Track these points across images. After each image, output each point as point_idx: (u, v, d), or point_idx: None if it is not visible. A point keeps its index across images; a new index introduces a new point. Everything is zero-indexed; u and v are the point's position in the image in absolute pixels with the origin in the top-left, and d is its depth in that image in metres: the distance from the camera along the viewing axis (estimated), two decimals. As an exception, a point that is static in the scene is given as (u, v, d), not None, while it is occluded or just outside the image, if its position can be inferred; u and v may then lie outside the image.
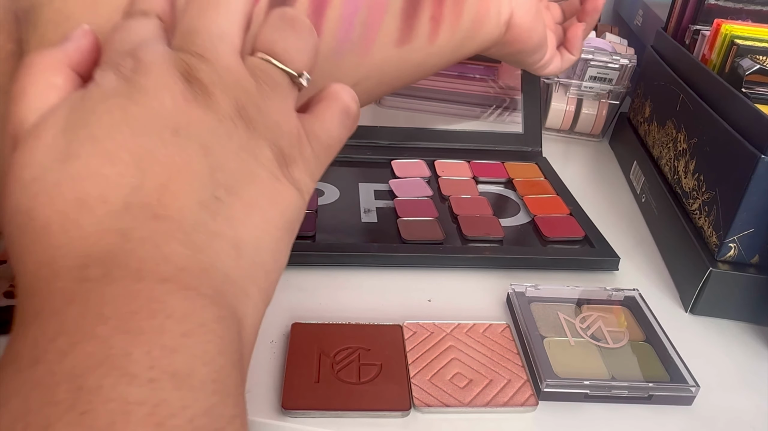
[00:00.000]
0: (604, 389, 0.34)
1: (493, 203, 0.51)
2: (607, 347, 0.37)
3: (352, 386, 0.32)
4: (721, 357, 0.39)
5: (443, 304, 0.41)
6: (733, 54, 0.46)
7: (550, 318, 0.39)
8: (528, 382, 0.34)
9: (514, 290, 0.40)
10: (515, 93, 0.62)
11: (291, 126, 0.22)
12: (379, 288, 0.42)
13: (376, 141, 0.58)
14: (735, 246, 0.40)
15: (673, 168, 0.50)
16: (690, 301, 0.42)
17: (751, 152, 0.38)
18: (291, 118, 0.23)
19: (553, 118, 0.68)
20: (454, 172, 0.55)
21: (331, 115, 0.24)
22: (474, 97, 0.63)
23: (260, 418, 0.31)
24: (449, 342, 0.36)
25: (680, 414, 0.34)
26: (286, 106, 0.23)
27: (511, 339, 0.37)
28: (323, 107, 0.24)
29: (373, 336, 0.36)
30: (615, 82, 0.65)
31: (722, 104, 0.44)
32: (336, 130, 0.24)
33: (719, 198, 0.41)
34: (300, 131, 0.23)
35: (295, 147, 0.23)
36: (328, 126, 0.24)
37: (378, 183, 0.53)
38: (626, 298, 0.41)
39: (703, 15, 0.56)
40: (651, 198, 0.53)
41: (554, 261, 0.45)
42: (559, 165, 0.58)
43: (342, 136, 0.25)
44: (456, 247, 0.45)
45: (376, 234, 0.46)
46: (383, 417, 0.32)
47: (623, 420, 0.33)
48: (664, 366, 0.35)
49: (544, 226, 0.48)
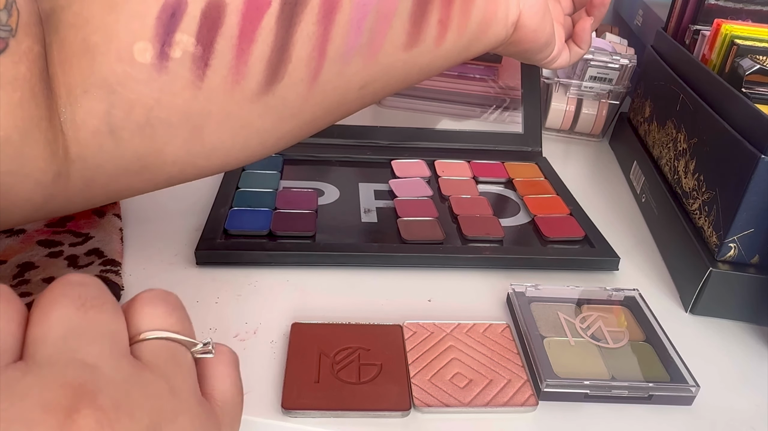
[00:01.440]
0: (604, 389, 0.34)
1: (493, 203, 0.51)
2: (607, 347, 0.37)
3: (352, 386, 0.32)
4: (721, 357, 0.39)
5: (443, 304, 0.41)
6: (733, 54, 0.46)
7: (550, 318, 0.39)
8: (528, 382, 0.34)
9: (514, 290, 0.40)
10: (515, 93, 0.62)
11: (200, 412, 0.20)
12: (379, 288, 0.42)
13: (376, 141, 0.58)
14: (735, 246, 0.40)
15: (673, 168, 0.50)
16: (690, 301, 0.42)
17: (751, 152, 0.38)
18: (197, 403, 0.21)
19: (553, 118, 0.68)
20: (454, 172, 0.55)
21: (226, 380, 0.22)
22: (474, 97, 0.63)
23: (260, 418, 0.31)
24: (449, 342, 0.36)
25: (680, 414, 0.34)
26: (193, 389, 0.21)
27: (511, 339, 0.37)
28: (217, 376, 0.22)
29: (373, 336, 0.36)
30: (615, 82, 0.65)
31: (722, 104, 0.44)
32: (233, 388, 0.22)
33: (719, 198, 0.41)
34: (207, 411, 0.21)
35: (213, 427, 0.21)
36: (227, 391, 0.22)
37: (378, 183, 0.53)
38: (626, 298, 0.41)
39: (703, 15, 0.56)
40: (651, 198, 0.53)
41: (554, 261, 0.45)
42: (559, 165, 0.58)
43: (238, 386, 0.23)
44: (456, 247, 0.45)
45: (376, 234, 0.46)
46: (383, 417, 0.32)
47: (623, 420, 0.33)
48: (664, 366, 0.35)
49: (544, 226, 0.48)
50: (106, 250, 0.41)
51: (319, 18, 0.31)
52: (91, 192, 0.31)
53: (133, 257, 0.42)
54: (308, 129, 0.35)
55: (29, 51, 0.26)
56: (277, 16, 0.30)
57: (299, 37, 0.31)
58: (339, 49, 0.32)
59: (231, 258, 0.42)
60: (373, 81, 0.35)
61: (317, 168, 0.55)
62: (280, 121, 0.33)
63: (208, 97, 0.30)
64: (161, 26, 0.28)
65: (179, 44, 0.28)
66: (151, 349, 0.20)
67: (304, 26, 0.31)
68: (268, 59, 0.30)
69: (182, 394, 0.20)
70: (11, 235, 0.41)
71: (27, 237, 0.41)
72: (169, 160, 0.31)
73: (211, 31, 0.29)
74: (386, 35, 0.33)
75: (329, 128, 0.58)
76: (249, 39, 0.30)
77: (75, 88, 0.27)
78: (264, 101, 0.31)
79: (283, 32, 0.30)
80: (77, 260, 0.40)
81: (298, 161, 0.55)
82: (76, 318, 0.19)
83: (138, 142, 0.29)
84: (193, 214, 0.47)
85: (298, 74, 0.31)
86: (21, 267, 0.38)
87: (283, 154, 0.55)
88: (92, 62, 0.27)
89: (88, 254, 0.40)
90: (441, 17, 0.35)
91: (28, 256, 0.39)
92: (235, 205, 0.47)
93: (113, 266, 0.39)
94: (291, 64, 0.31)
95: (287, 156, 0.55)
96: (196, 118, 0.30)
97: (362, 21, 0.32)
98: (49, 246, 0.41)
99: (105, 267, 0.39)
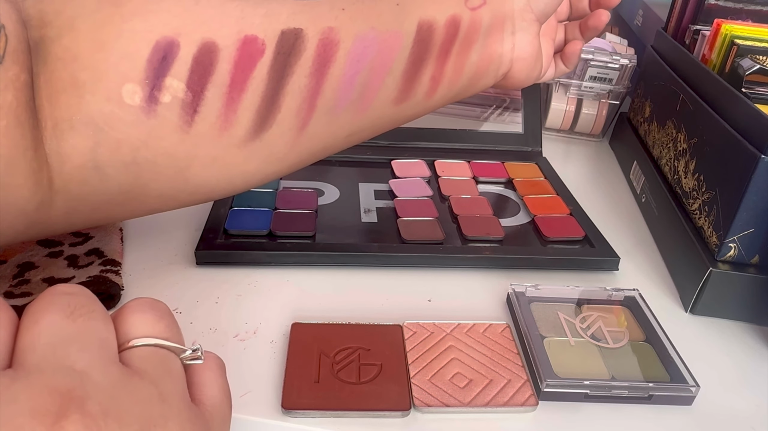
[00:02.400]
0: (604, 389, 0.34)
1: (493, 203, 0.51)
2: (607, 347, 0.37)
3: (352, 386, 0.32)
4: (721, 357, 0.39)
5: (443, 304, 0.41)
6: (733, 54, 0.46)
7: (550, 318, 0.39)
8: (528, 382, 0.34)
9: (514, 290, 0.40)
10: (515, 93, 0.62)
11: (190, 418, 0.20)
12: (379, 288, 0.42)
13: (376, 141, 0.58)
14: (735, 246, 0.40)
15: (673, 168, 0.50)
16: (690, 301, 0.42)
17: (751, 152, 0.38)
18: (187, 409, 0.21)
19: (553, 118, 0.68)
20: (454, 172, 0.55)
21: (214, 386, 0.23)
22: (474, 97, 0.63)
23: (260, 418, 0.31)
24: (449, 342, 0.36)
25: (680, 414, 0.34)
26: (182, 394, 0.21)
27: (511, 339, 0.37)
28: (206, 383, 0.22)
29: (373, 336, 0.36)
30: (615, 82, 0.65)
31: (722, 104, 0.44)
32: (221, 392, 0.23)
33: (719, 198, 0.41)
34: (201, 421, 0.21)
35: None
36: (216, 395, 0.22)
37: (378, 183, 0.53)
38: (626, 298, 0.41)
39: (703, 15, 0.56)
40: (651, 198, 0.53)
41: (554, 261, 0.45)
42: (559, 165, 0.58)
43: (226, 390, 0.23)
44: (456, 247, 0.45)
45: (376, 234, 0.46)
46: (383, 417, 0.32)
47: (623, 420, 0.33)
48: (664, 366, 0.35)
49: (544, 226, 0.48)
50: (106, 250, 0.41)
51: (312, 71, 0.31)
52: (73, 219, 0.31)
53: (133, 257, 0.42)
54: (292, 169, 0.35)
55: (16, 79, 0.25)
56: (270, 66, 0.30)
57: (290, 89, 0.30)
58: (329, 102, 0.32)
59: (231, 259, 0.42)
60: (361, 131, 0.35)
61: (317, 168, 0.55)
62: (266, 164, 0.33)
63: (195, 142, 0.30)
64: (151, 69, 0.28)
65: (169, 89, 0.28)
66: (140, 356, 0.20)
67: (297, 78, 0.30)
68: (258, 109, 0.30)
69: (172, 400, 0.20)
70: (11, 235, 0.41)
71: (27, 237, 0.41)
72: (154, 194, 0.31)
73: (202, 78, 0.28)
74: (378, 91, 0.33)
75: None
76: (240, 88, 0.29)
77: (61, 122, 0.27)
78: (250, 147, 0.31)
79: (275, 83, 0.30)
80: (77, 260, 0.40)
81: (298, 161, 0.55)
82: (65, 325, 0.19)
83: (123, 178, 0.29)
84: (193, 214, 0.47)
85: (286, 124, 0.31)
86: (21, 267, 0.38)
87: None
88: (80, 100, 0.27)
89: (88, 254, 0.40)
90: (434, 74, 0.35)
91: (28, 256, 0.39)
92: (235, 204, 0.47)
93: (113, 266, 0.39)
94: (280, 114, 0.31)
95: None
96: (182, 160, 0.30)
97: (355, 77, 0.32)
98: (49, 246, 0.41)
99: (105, 267, 0.39)
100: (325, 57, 0.31)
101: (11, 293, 0.36)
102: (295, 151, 0.33)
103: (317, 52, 0.31)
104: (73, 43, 0.27)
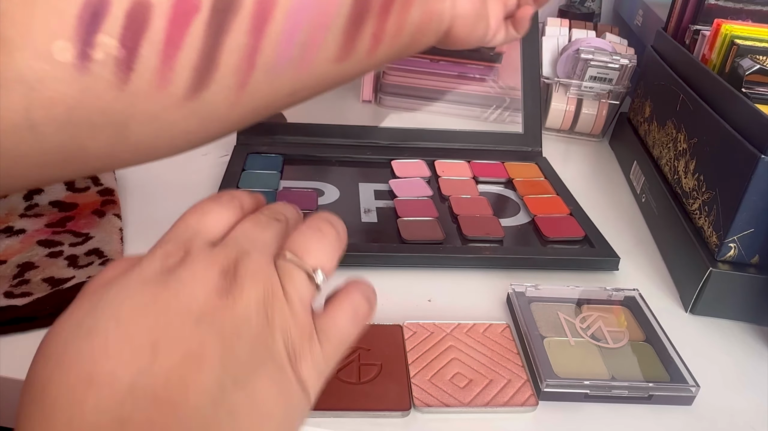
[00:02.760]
0: (604, 389, 0.34)
1: (493, 203, 0.51)
2: (607, 347, 0.37)
3: (352, 386, 0.32)
4: (721, 357, 0.39)
5: (443, 304, 0.41)
6: (733, 54, 0.46)
7: (550, 318, 0.39)
8: (528, 382, 0.34)
9: (514, 290, 0.40)
10: (515, 93, 0.62)
11: (303, 323, 0.25)
12: (379, 288, 0.41)
13: (376, 141, 0.58)
14: (735, 246, 0.40)
15: (673, 168, 0.50)
16: (690, 301, 0.42)
17: (751, 152, 0.38)
18: (305, 315, 0.25)
19: (553, 118, 0.68)
20: (454, 172, 0.55)
21: (342, 314, 0.26)
22: (474, 97, 0.63)
23: (260, 418, 0.31)
24: (449, 342, 0.36)
25: (680, 414, 0.34)
26: (302, 303, 0.25)
27: (511, 339, 0.37)
28: (335, 306, 0.27)
29: (373, 336, 0.36)
30: (615, 82, 0.65)
31: (722, 104, 0.44)
32: (346, 328, 0.26)
33: (719, 198, 0.41)
34: (311, 329, 0.25)
35: (306, 343, 0.25)
36: (339, 324, 0.26)
37: (378, 183, 0.53)
38: (626, 298, 0.41)
39: (703, 15, 0.56)
40: (651, 198, 0.53)
41: (554, 261, 0.45)
42: (559, 165, 0.58)
43: (352, 334, 0.27)
44: (456, 247, 0.45)
45: (376, 234, 0.46)
46: (383, 417, 0.32)
47: (623, 420, 0.33)
48: (664, 366, 0.35)
49: (544, 226, 0.48)
50: (106, 250, 0.41)
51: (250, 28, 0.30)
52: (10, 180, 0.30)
53: (133, 257, 0.42)
54: (235, 129, 0.35)
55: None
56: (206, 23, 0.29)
57: (228, 47, 0.30)
58: (269, 61, 0.32)
59: (231, 258, 0.42)
60: (303, 89, 0.35)
61: (317, 168, 0.55)
62: (207, 123, 0.33)
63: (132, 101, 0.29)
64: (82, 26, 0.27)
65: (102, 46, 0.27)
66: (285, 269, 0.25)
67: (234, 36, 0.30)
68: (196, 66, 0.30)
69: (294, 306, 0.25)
70: (11, 235, 0.41)
71: (27, 238, 0.41)
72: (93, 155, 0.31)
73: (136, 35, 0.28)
74: (318, 49, 0.33)
75: (329, 128, 0.58)
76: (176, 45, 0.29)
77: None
78: (190, 106, 0.31)
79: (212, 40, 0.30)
80: (77, 260, 0.40)
81: (298, 161, 0.55)
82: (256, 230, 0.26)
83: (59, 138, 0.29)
84: (193, 213, 0.47)
85: (226, 82, 0.31)
86: (21, 267, 0.38)
87: (283, 154, 0.55)
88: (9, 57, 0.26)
89: (88, 254, 0.40)
90: (375, 31, 0.35)
91: (28, 256, 0.39)
92: (235, 204, 0.47)
93: (113, 266, 0.39)
94: (219, 72, 0.30)
95: (287, 156, 0.55)
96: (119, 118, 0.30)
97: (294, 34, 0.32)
98: (49, 246, 0.41)
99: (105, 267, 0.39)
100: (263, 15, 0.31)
101: (11, 293, 0.36)
102: (236, 110, 0.33)
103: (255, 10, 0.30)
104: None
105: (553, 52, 0.70)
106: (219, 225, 0.26)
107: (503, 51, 0.63)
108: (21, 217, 0.43)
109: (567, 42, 0.70)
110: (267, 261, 0.25)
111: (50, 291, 0.36)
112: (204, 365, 0.22)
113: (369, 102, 0.63)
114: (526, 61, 0.61)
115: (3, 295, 0.36)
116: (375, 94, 0.63)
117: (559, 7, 0.85)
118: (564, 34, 0.71)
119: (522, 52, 0.61)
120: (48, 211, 0.44)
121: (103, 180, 0.48)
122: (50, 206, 0.45)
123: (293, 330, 0.24)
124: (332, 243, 0.27)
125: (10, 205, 0.44)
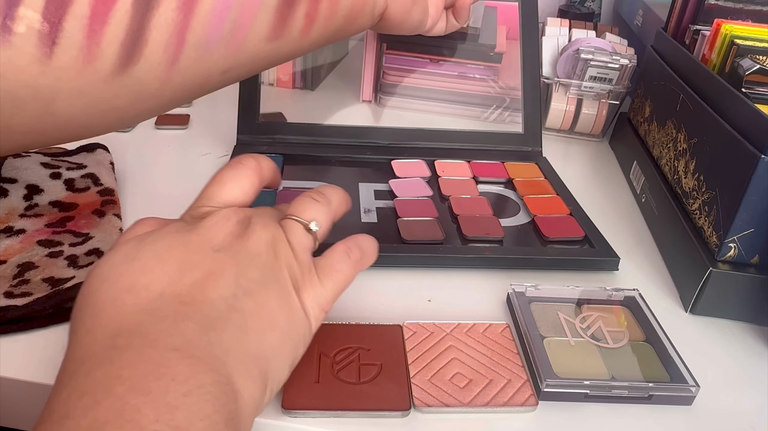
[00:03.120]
0: (604, 389, 0.34)
1: (493, 203, 0.51)
2: (607, 347, 0.37)
3: (352, 386, 0.32)
4: (721, 357, 0.39)
5: (443, 304, 0.41)
6: (733, 54, 0.46)
7: (550, 318, 0.39)
8: (528, 382, 0.34)
9: (514, 290, 0.40)
10: (515, 93, 0.62)
11: (304, 261, 0.30)
12: (379, 288, 0.42)
13: (376, 141, 0.58)
14: (735, 247, 0.40)
15: (673, 168, 0.50)
16: (690, 301, 0.42)
17: (751, 152, 0.38)
18: (305, 256, 0.30)
19: (553, 118, 0.68)
20: (454, 172, 0.55)
21: (336, 255, 0.32)
22: (474, 97, 0.63)
23: (260, 418, 0.31)
24: (449, 342, 0.36)
25: (680, 414, 0.34)
26: (302, 246, 0.30)
27: (511, 339, 0.37)
28: (331, 250, 0.32)
29: (373, 336, 0.36)
30: (615, 82, 0.65)
31: (722, 104, 0.44)
32: (340, 266, 0.31)
33: (719, 198, 0.41)
34: (311, 266, 0.30)
35: (307, 277, 0.30)
36: (333, 263, 0.31)
37: (378, 183, 0.53)
38: (626, 298, 0.41)
39: (703, 15, 0.56)
40: (651, 198, 0.53)
41: (554, 261, 0.45)
42: (559, 165, 0.58)
43: (346, 272, 0.32)
44: (456, 247, 0.45)
45: (376, 234, 0.46)
46: (383, 417, 0.32)
47: (623, 420, 0.33)
48: (664, 366, 0.35)
49: (544, 226, 0.48)
50: (106, 250, 0.41)
51: (179, 4, 0.30)
52: None
53: (133, 257, 0.42)
54: (170, 106, 0.35)
55: None
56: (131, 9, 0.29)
57: (157, 23, 0.30)
58: (200, 38, 0.32)
59: (231, 258, 0.42)
60: (237, 67, 0.35)
61: (317, 168, 0.55)
62: (138, 100, 0.32)
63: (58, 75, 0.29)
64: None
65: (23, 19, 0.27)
66: None
67: (163, 11, 0.30)
68: (123, 42, 0.29)
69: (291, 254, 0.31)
70: (11, 235, 0.41)
71: (27, 238, 0.41)
72: (19, 130, 0.30)
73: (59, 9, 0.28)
74: (250, 27, 0.33)
75: (329, 128, 0.59)
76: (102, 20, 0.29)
77: None
78: (119, 81, 0.30)
79: (140, 16, 0.29)
80: (77, 260, 0.40)
81: (298, 161, 0.55)
82: None
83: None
84: (193, 213, 0.47)
85: (155, 58, 0.31)
86: (21, 267, 0.38)
87: (283, 154, 0.55)
88: None
89: (88, 254, 0.40)
90: (308, 11, 0.35)
91: (28, 256, 0.39)
92: (235, 204, 0.47)
93: (113, 266, 0.39)
94: (147, 48, 0.30)
95: (287, 155, 0.55)
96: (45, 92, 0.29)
97: (225, 12, 0.32)
98: (49, 246, 0.41)
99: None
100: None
101: (11, 293, 0.36)
102: (168, 87, 0.33)
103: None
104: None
105: (553, 52, 0.70)
106: (237, 193, 0.31)
107: (503, 51, 0.63)
108: (21, 217, 0.43)
109: (567, 42, 0.70)
110: (274, 220, 0.30)
111: (50, 291, 0.36)
112: (221, 280, 0.27)
113: (369, 102, 0.63)
114: (526, 61, 0.61)
115: (3, 295, 0.36)
116: (375, 94, 0.63)
117: (559, 7, 0.85)
118: (564, 34, 0.71)
119: (522, 52, 0.61)
120: (48, 211, 0.44)
121: (103, 180, 0.48)
122: (50, 206, 0.45)
123: (296, 266, 0.29)
124: (324, 206, 0.32)
125: (10, 205, 0.44)
